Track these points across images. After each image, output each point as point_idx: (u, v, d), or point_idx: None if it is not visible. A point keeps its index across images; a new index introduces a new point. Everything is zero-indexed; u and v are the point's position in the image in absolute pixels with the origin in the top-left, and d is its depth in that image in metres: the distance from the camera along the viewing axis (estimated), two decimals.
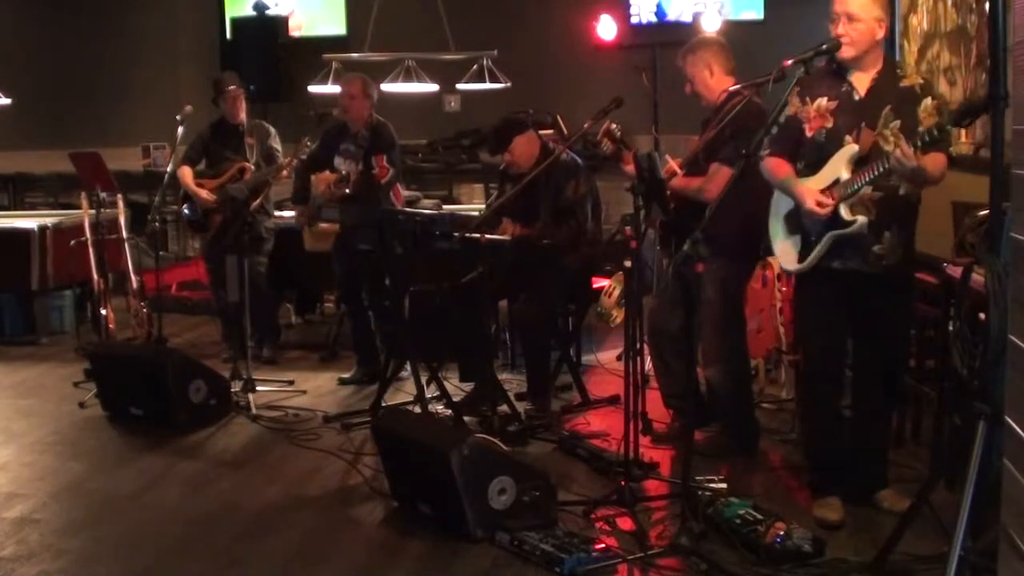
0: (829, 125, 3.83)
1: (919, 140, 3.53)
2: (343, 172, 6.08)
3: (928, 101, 3.75)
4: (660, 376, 4.98)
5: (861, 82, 3.82)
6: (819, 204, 3.76)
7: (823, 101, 3.84)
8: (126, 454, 5.11)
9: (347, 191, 5.99)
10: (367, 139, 6.16)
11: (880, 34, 3.79)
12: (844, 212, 3.74)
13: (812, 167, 3.86)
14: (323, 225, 6.39)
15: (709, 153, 4.62)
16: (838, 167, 3.76)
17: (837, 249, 3.81)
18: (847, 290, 3.89)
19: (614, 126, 4.83)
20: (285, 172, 6.37)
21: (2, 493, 4.54)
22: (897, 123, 3.71)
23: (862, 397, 4.09)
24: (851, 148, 3.75)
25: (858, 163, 3.73)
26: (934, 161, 3.66)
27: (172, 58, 10.55)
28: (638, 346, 4.45)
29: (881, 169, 3.62)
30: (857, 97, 3.81)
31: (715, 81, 4.73)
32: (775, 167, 3.95)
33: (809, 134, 3.88)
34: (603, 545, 3.74)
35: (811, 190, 3.80)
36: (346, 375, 6.31)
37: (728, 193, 3.82)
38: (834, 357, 4.05)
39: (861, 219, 3.73)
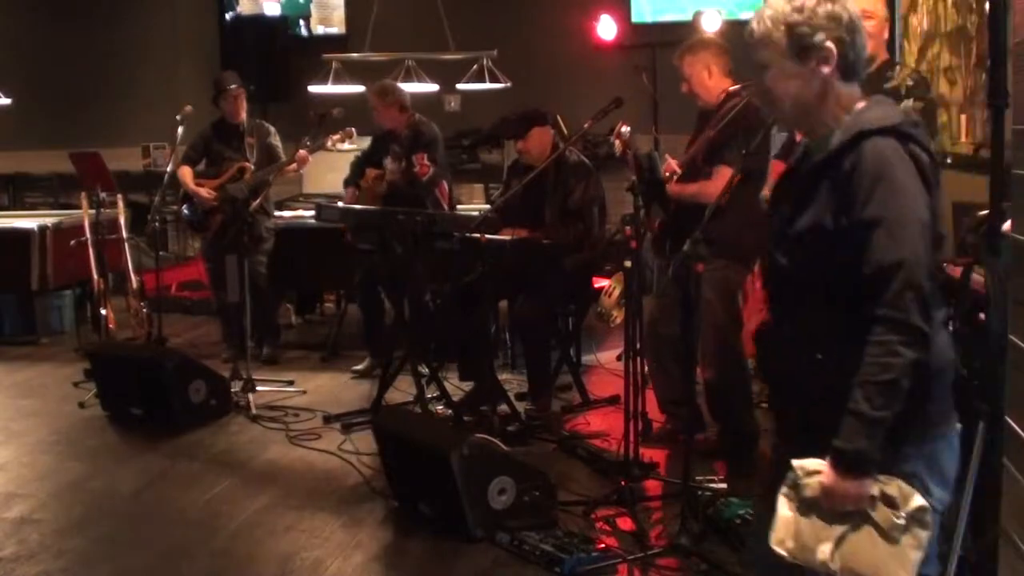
0: None
1: None
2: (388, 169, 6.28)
3: (908, 103, 3.57)
4: (657, 381, 4.93)
5: None
6: None
7: None
8: (126, 454, 5.11)
9: (386, 184, 6.22)
10: (408, 139, 6.27)
11: (886, 32, 3.73)
12: None
13: None
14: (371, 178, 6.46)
15: (710, 155, 4.60)
16: None
17: None
18: None
19: (625, 128, 4.76)
20: (294, 166, 6.45)
21: (2, 493, 4.54)
22: None
23: None
24: None
25: None
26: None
27: (172, 58, 10.54)
28: (638, 346, 4.45)
29: None
30: None
31: (713, 82, 4.71)
32: None
33: None
34: (603, 545, 3.75)
35: None
36: (359, 367, 6.38)
37: (728, 193, 3.81)
38: None
39: None
